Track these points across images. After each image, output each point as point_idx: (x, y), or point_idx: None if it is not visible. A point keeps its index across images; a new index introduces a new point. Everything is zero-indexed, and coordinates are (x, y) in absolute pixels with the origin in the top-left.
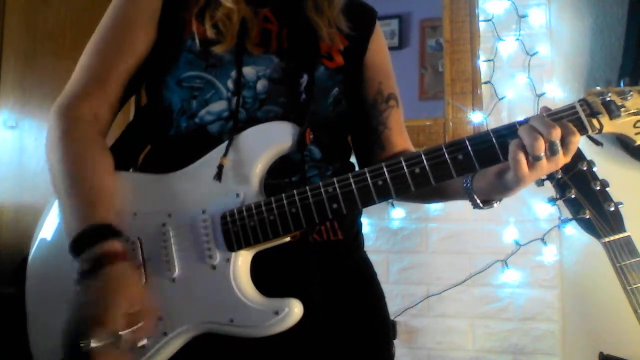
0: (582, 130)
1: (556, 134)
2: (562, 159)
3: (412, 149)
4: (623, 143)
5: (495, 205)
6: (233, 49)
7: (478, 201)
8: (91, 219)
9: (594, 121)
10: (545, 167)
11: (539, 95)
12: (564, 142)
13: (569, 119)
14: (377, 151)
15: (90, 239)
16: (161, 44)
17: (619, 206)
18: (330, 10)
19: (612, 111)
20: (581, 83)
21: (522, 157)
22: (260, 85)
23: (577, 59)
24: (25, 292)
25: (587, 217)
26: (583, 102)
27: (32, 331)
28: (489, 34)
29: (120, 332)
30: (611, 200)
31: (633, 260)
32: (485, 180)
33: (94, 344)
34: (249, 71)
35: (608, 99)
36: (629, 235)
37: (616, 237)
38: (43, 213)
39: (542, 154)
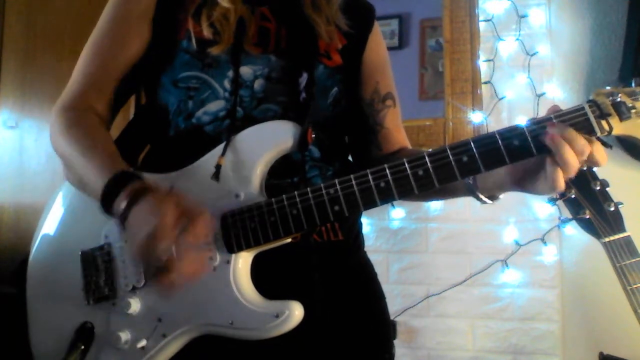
0: (592, 132)
1: (587, 151)
2: None
3: (410, 146)
4: (624, 143)
5: (500, 197)
6: (230, 49)
7: (484, 199)
8: (115, 168)
9: (604, 123)
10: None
11: (539, 95)
12: (589, 157)
13: (578, 120)
14: (373, 151)
15: (119, 184)
16: (156, 44)
17: (619, 206)
18: (329, 7)
19: (623, 113)
20: (581, 83)
21: (561, 175)
22: (258, 84)
23: (577, 59)
24: (25, 292)
25: (587, 217)
26: (592, 103)
27: (33, 331)
28: (489, 34)
29: (183, 234)
30: (611, 200)
31: (633, 260)
32: (492, 182)
33: (171, 248)
34: (245, 70)
35: (618, 99)
36: (629, 235)
37: (616, 237)
38: (43, 213)
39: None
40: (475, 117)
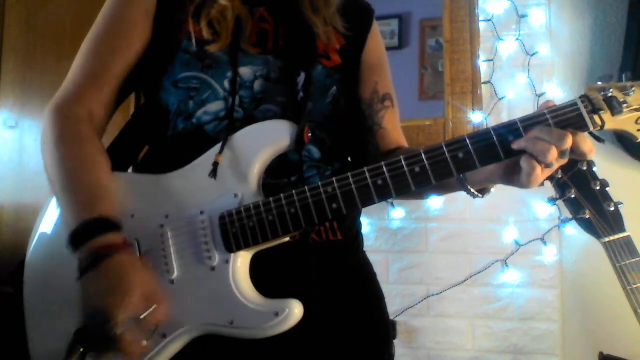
0: (584, 127)
1: (569, 142)
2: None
3: (407, 145)
4: (623, 142)
5: (492, 190)
6: (228, 49)
7: (475, 192)
8: (88, 214)
9: (596, 118)
10: (555, 167)
11: (539, 95)
12: (573, 148)
13: (571, 115)
14: (371, 150)
15: (86, 234)
16: (156, 44)
17: (619, 206)
18: (327, 8)
19: (614, 107)
20: (581, 83)
21: (538, 168)
22: (258, 85)
23: (577, 59)
24: (23, 292)
25: (587, 217)
26: (584, 98)
27: (31, 333)
28: (489, 34)
29: (141, 316)
30: (611, 200)
31: (633, 260)
32: (482, 176)
33: (119, 330)
34: (245, 71)
35: (610, 94)
36: (629, 235)
37: (616, 237)
38: (40, 213)
39: (555, 160)
40: (475, 117)
